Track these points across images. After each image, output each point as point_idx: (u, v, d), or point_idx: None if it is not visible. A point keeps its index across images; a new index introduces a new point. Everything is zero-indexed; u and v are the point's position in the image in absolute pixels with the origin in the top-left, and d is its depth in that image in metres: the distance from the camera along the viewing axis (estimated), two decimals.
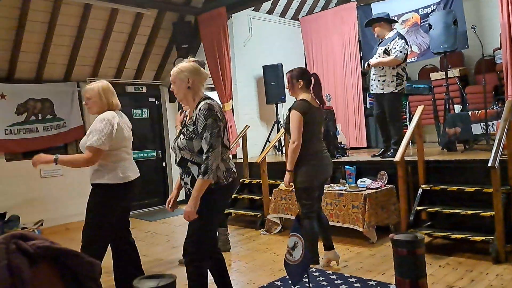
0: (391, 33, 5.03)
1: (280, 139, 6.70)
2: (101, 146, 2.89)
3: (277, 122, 7.26)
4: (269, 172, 5.55)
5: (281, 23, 7.98)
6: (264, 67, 7.16)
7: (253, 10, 7.41)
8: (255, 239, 5.02)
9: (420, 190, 4.32)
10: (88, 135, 2.95)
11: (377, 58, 5.03)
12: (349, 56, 6.92)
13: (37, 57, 6.10)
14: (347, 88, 6.95)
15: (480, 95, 5.37)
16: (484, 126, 4.78)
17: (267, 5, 7.64)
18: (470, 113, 4.96)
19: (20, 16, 5.60)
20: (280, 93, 7.06)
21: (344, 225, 4.49)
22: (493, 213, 3.63)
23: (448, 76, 5.50)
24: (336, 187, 4.73)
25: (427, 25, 5.61)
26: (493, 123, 4.77)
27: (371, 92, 5.30)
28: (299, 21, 7.70)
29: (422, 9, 6.37)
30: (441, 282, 3.23)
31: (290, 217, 4.97)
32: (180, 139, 2.58)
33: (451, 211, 4.02)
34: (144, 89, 7.51)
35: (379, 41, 5.15)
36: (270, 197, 5.34)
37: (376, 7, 6.78)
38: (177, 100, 2.79)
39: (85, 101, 3.10)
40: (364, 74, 7.49)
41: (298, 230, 1.63)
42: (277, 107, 7.29)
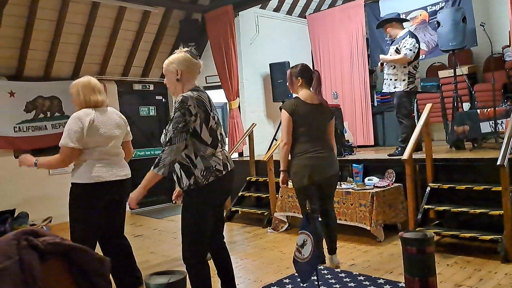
0: (402, 32, 5.05)
1: None
2: (70, 144, 2.80)
3: None
4: (276, 170, 5.54)
5: (288, 21, 7.96)
6: (271, 65, 7.15)
7: (260, 8, 7.40)
8: (262, 237, 5.02)
9: (428, 189, 4.30)
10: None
11: (387, 56, 5.05)
12: (357, 54, 6.89)
13: (46, 55, 6.15)
14: (354, 86, 6.92)
15: (489, 93, 5.33)
16: (493, 124, 4.75)
17: (274, 3, 7.63)
18: (479, 111, 4.93)
19: (29, 15, 5.64)
20: (287, 91, 6.98)
21: (352, 224, 4.49)
22: (502, 212, 3.60)
23: (457, 74, 5.46)
24: (344, 186, 4.72)
25: (436, 23, 5.57)
26: (502, 121, 4.74)
27: (383, 91, 5.32)
28: (306, 19, 7.68)
29: (431, 6, 6.31)
30: (449, 281, 3.21)
31: (297, 215, 4.97)
32: (162, 135, 2.49)
33: (460, 210, 4.00)
34: (151, 87, 7.53)
35: (391, 41, 5.16)
36: (277, 195, 5.34)
37: (384, 5, 6.74)
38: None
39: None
40: (372, 72, 7.46)
41: (307, 228, 1.63)
42: (279, 107, 7.27)
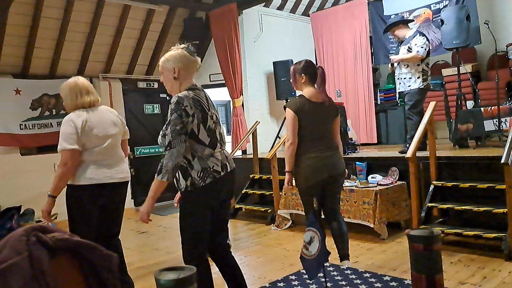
0: (411, 32, 5.12)
1: None
2: (68, 147, 2.73)
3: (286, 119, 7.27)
4: (279, 168, 5.55)
5: (292, 19, 7.96)
6: (275, 63, 7.17)
7: (264, 6, 7.41)
8: (266, 234, 5.05)
9: (432, 187, 4.31)
10: None
11: (398, 55, 5.09)
12: (360, 52, 6.89)
13: (51, 53, 6.18)
14: (358, 84, 6.92)
15: (493, 91, 5.32)
16: (497, 123, 4.75)
17: (278, 1, 7.64)
18: (483, 109, 4.93)
19: (34, 13, 5.68)
20: (291, 89, 7.00)
21: (355, 221, 4.50)
22: (506, 210, 3.61)
23: (460, 72, 5.46)
24: (347, 183, 4.72)
25: (439, 21, 5.57)
26: (506, 120, 4.74)
27: (399, 91, 5.29)
28: (310, 17, 7.68)
29: (434, 4, 6.29)
30: (453, 279, 3.22)
31: (301, 213, 4.98)
32: (159, 136, 2.43)
33: (463, 208, 4.01)
34: (156, 85, 7.55)
35: (400, 42, 5.19)
36: (281, 193, 5.36)
37: (388, 3, 6.73)
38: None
39: None
40: (375, 70, 7.45)
41: (315, 225, 1.65)
42: (283, 106, 7.28)
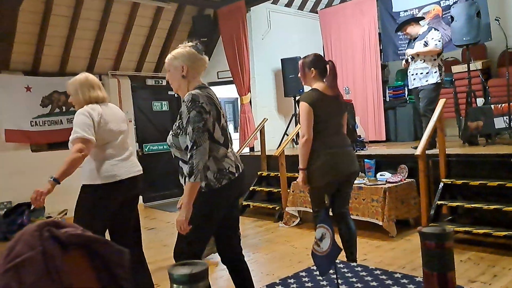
0: (424, 28, 5.15)
1: (298, 132, 6.69)
2: (87, 136, 2.53)
3: (295, 115, 7.26)
4: (287, 165, 5.56)
5: (300, 16, 7.94)
6: (283, 60, 7.16)
7: (272, 3, 7.40)
8: (273, 231, 5.06)
9: (441, 184, 4.29)
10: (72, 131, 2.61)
11: (415, 49, 5.05)
12: (369, 49, 6.85)
13: (61, 51, 6.24)
14: (366, 81, 6.89)
15: (503, 88, 5.27)
16: (507, 120, 4.71)
17: None
18: (493, 107, 4.89)
19: (45, 11, 5.73)
20: (299, 86, 7.03)
21: (364, 219, 4.49)
22: None
23: (470, 69, 5.41)
24: (356, 181, 4.71)
25: (449, 17, 5.52)
26: None
27: (414, 86, 5.16)
28: (318, 14, 7.65)
29: (444, 1, 6.24)
30: (463, 277, 3.21)
31: (309, 210, 4.98)
32: (169, 136, 2.34)
33: (473, 206, 3.98)
34: (164, 82, 7.57)
35: (414, 39, 5.15)
36: (288, 190, 5.37)
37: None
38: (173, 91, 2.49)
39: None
40: (384, 67, 7.41)
41: (326, 221, 1.65)
42: (296, 100, 7.29)
